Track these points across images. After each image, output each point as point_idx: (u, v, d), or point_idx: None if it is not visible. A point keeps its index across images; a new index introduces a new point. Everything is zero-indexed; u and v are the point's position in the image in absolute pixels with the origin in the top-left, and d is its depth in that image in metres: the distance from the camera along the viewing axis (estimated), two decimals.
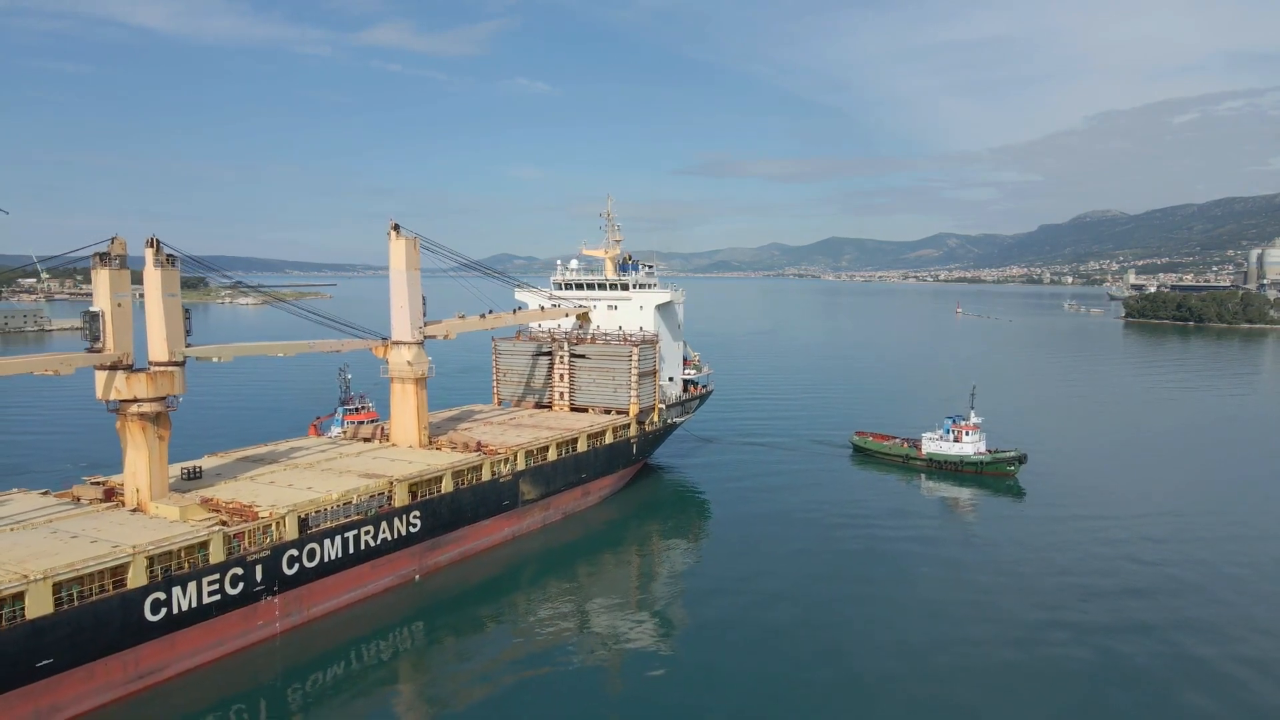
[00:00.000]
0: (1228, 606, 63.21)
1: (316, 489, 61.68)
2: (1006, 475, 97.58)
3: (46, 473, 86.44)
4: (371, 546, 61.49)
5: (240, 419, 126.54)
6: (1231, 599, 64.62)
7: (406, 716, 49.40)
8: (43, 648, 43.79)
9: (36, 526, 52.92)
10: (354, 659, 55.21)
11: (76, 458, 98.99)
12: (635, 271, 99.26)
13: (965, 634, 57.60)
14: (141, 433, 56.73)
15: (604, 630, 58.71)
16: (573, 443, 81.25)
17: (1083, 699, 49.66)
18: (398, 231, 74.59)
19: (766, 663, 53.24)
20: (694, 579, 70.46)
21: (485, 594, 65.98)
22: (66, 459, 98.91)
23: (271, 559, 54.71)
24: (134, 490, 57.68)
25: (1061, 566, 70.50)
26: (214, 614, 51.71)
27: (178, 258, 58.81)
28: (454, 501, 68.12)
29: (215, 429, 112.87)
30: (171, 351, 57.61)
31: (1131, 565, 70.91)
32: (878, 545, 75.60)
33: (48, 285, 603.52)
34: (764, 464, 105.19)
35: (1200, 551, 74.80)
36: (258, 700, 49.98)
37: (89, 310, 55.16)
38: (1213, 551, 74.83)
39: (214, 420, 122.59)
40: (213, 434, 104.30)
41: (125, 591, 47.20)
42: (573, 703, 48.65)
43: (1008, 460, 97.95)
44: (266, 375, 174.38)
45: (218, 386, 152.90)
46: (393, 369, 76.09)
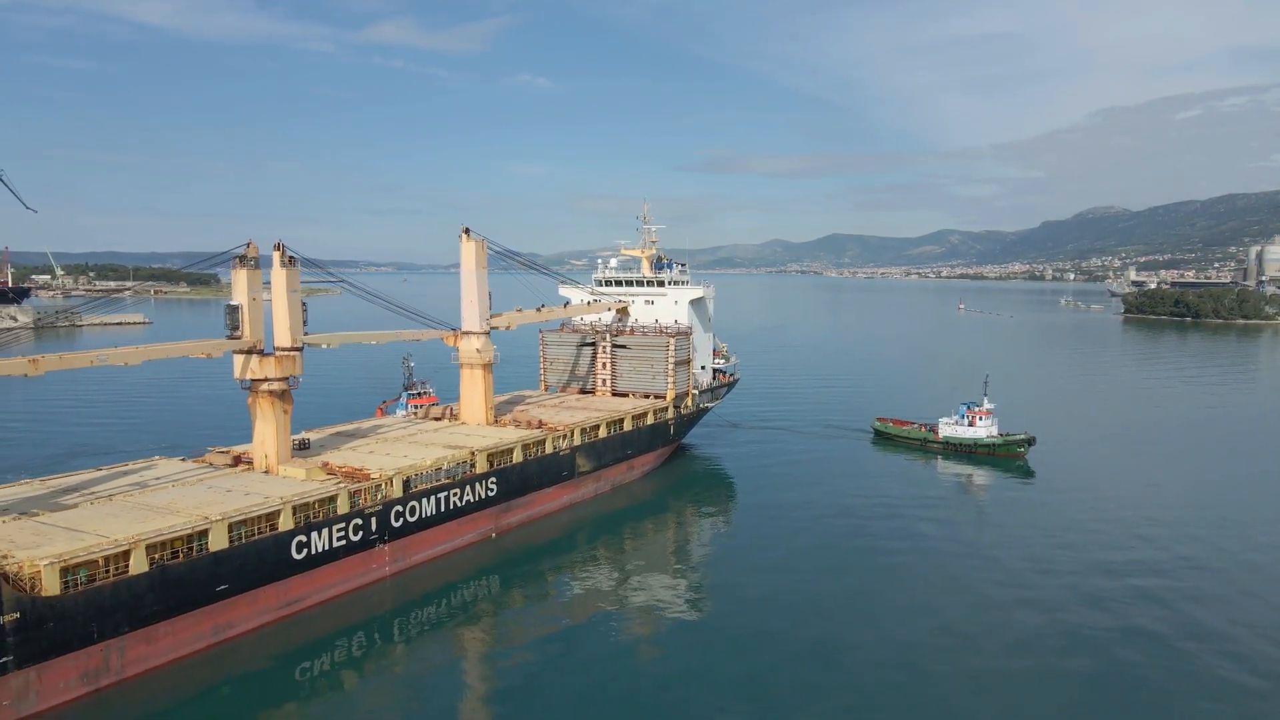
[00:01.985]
0: (1220, 574, 69.55)
1: (412, 457, 72.05)
2: (1016, 456, 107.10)
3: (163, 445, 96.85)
4: (458, 506, 71.88)
5: (315, 403, 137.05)
6: (1222, 566, 71.11)
7: (485, 651, 57.84)
8: (221, 575, 54.22)
9: (192, 484, 63.35)
10: (444, 601, 65.14)
11: (181, 431, 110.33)
12: (670, 269, 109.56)
13: (978, 596, 64.37)
14: (270, 407, 67.20)
15: (643, 589, 66.53)
16: (620, 422, 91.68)
17: (1081, 657, 55.03)
18: (468, 234, 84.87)
19: (794, 625, 58.92)
20: (727, 546, 79.03)
21: (547, 552, 76.04)
22: (177, 432, 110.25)
23: (382, 513, 65.08)
24: (262, 456, 68.16)
25: (1066, 537, 78.23)
26: (341, 556, 62.10)
27: (298, 259, 69.03)
28: (523, 471, 78.52)
29: (297, 411, 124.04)
30: (294, 338, 68.02)
31: (1131, 536, 78.55)
32: (900, 517, 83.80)
33: (62, 282, 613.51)
34: (790, 447, 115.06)
35: (1193, 525, 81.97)
36: (373, 630, 60.03)
37: (230, 303, 65.49)
38: (1205, 527, 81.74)
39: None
40: (297, 414, 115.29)
41: (277, 534, 57.58)
42: (614, 649, 56.29)
43: (1018, 443, 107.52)
44: (330, 364, 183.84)
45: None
46: (462, 356, 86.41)
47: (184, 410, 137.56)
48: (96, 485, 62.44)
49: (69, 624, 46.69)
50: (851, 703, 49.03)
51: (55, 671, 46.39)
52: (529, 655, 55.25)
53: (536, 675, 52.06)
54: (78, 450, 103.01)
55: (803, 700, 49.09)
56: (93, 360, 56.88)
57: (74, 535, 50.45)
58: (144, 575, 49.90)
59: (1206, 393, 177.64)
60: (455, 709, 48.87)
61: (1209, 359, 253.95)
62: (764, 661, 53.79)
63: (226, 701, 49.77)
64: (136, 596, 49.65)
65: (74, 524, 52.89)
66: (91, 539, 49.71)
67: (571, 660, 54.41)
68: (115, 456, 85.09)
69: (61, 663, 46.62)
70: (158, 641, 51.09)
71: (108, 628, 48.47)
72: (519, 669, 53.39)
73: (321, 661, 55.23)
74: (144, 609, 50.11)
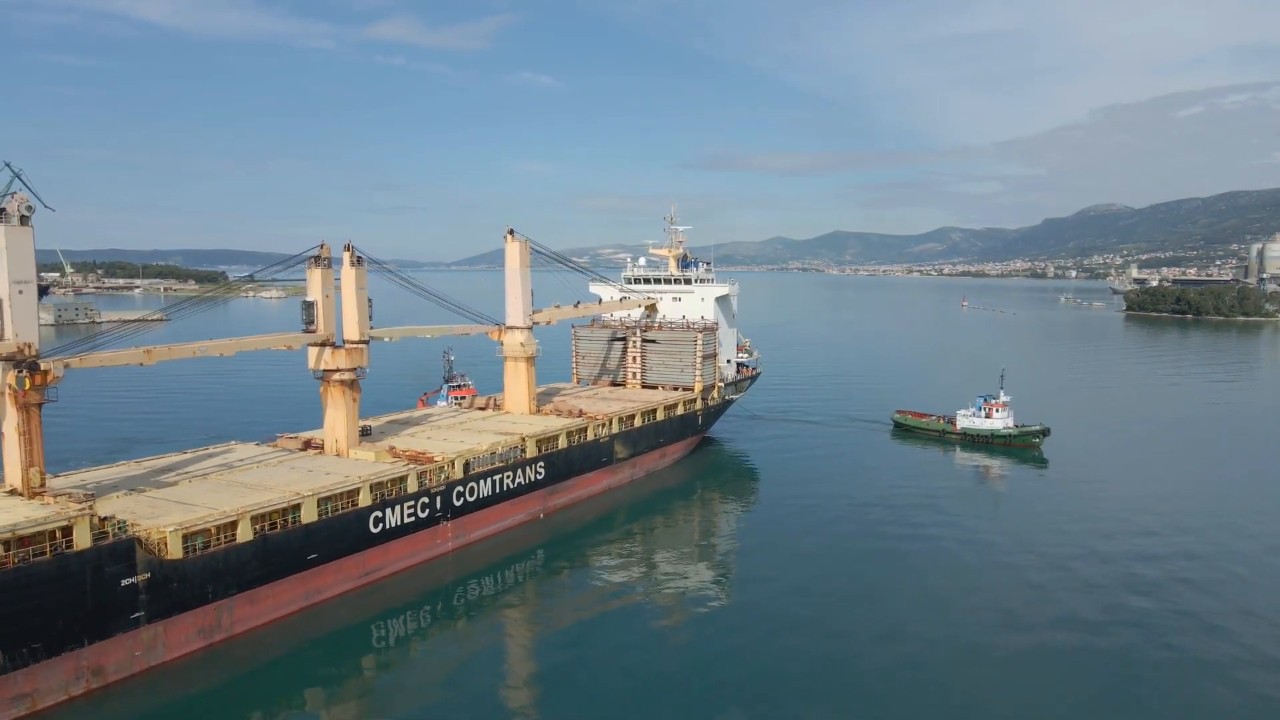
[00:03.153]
0: (1221, 551, 74.47)
1: (468, 442, 77.76)
2: (1032, 447, 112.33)
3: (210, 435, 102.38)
4: (510, 488, 77.60)
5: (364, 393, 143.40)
6: (1220, 545, 76.14)
7: (531, 625, 62.37)
8: (311, 545, 59.97)
9: (274, 465, 69.11)
10: (498, 576, 70.62)
11: (244, 418, 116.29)
12: (695, 268, 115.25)
13: (1004, 579, 68.18)
14: (341, 395, 72.94)
15: (675, 572, 71.02)
16: (653, 412, 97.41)
17: (1088, 628, 58.80)
18: (513, 235, 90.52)
19: (813, 609, 62.05)
20: (758, 531, 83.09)
21: (588, 533, 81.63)
22: (240, 419, 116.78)
23: (446, 492, 70.80)
24: (333, 440, 73.92)
25: (1080, 520, 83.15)
26: (410, 531, 67.81)
27: (365, 259, 74.68)
28: (567, 456, 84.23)
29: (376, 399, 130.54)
30: (361, 332, 73.74)
31: (1141, 518, 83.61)
32: (922, 504, 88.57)
33: (72, 280, 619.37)
34: (813, 438, 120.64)
35: (1203, 511, 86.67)
36: (437, 601, 65.62)
37: (306, 300, 71.21)
38: (1215, 514, 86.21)
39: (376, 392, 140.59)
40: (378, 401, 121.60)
41: (358, 509, 63.31)
42: (646, 628, 60.26)
43: (1033, 434, 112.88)
44: (372, 358, 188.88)
45: None
46: (507, 349, 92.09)
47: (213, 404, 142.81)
48: (187, 466, 68.20)
49: (189, 585, 52.47)
50: (878, 688, 51.19)
51: (178, 627, 52.18)
52: (570, 631, 59.67)
53: (575, 649, 56.26)
54: (134, 439, 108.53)
55: (827, 684, 51.42)
56: (195, 351, 62.60)
57: (186, 508, 56.18)
58: (249, 543, 55.67)
59: (1211, 387, 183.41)
60: (504, 679, 53.32)
61: (1212, 355, 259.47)
62: (788, 645, 56.25)
63: (315, 661, 55.36)
64: (243, 562, 55.42)
65: (182, 498, 58.65)
66: (203, 510, 55.44)
67: (606, 638, 57.76)
68: (164, 446, 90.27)
69: (183, 619, 52.40)
70: (260, 603, 56.85)
71: (219, 589, 54.22)
72: (560, 642, 57.81)
73: (394, 627, 60.89)
74: (249, 573, 55.87)
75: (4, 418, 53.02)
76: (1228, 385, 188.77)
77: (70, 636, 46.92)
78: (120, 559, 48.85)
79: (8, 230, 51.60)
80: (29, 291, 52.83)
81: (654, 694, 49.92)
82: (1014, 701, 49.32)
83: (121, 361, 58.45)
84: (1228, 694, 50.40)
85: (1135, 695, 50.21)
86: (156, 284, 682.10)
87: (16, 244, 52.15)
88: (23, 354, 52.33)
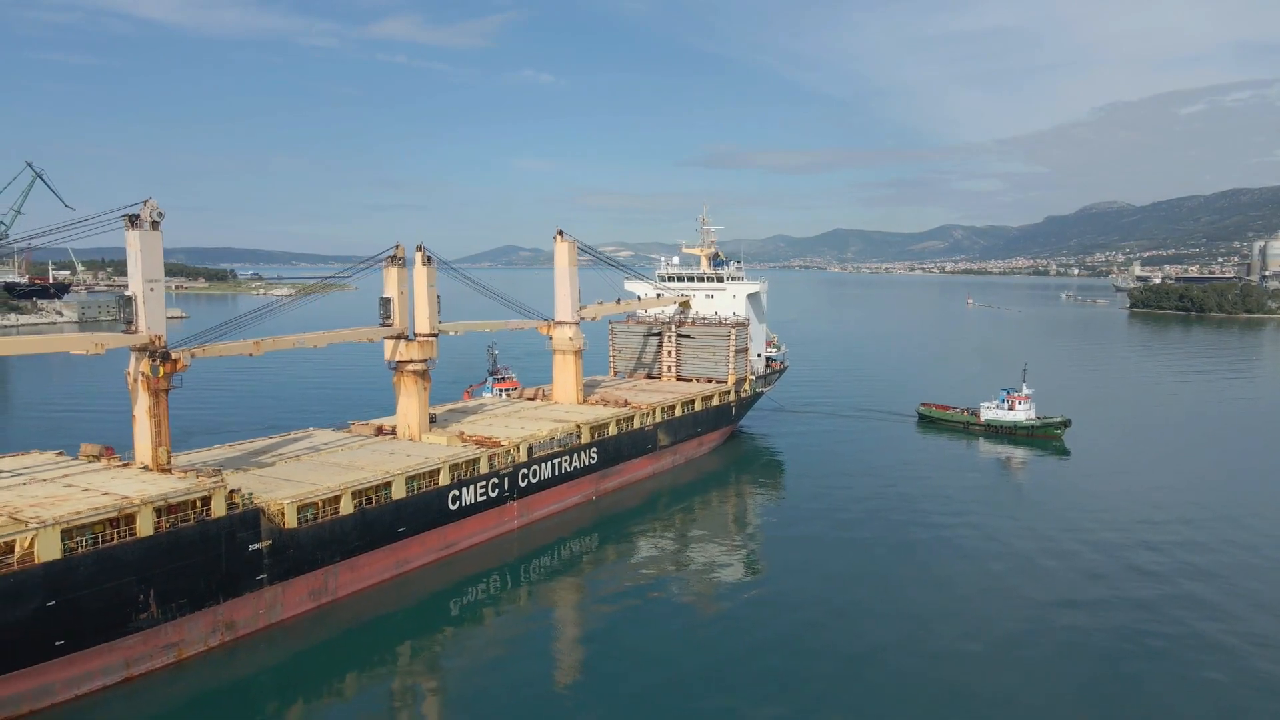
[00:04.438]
0: (1231, 536, 78.99)
1: (528, 429, 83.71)
2: (1053, 437, 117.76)
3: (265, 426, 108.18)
4: (567, 471, 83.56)
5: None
6: (1232, 536, 79.94)
7: (585, 598, 67.19)
8: (400, 519, 65.97)
9: (356, 449, 75.07)
10: (557, 552, 76.31)
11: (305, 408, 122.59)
12: (726, 266, 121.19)
13: (1017, 557, 73.18)
14: (414, 384, 78.91)
15: (711, 554, 75.26)
16: (692, 403, 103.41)
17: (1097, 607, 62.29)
18: (561, 236, 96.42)
19: (842, 591, 65.47)
20: (790, 516, 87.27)
21: (635, 514, 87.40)
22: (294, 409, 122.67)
23: (512, 474, 76.76)
24: (405, 426, 79.90)
25: (1102, 506, 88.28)
26: (482, 509, 73.80)
27: (434, 259, 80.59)
28: (616, 443, 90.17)
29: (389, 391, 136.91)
30: (431, 326, 79.68)
31: (1157, 505, 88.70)
32: (947, 491, 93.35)
33: (83, 278, 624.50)
34: (839, 429, 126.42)
35: (1221, 497, 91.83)
36: (505, 574, 71.40)
37: (383, 296, 77.08)
38: (1234, 498, 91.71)
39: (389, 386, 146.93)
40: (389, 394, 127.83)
41: (439, 487, 69.32)
42: (683, 606, 64.54)
43: (1055, 425, 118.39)
44: None
45: (379, 361, 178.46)
46: (556, 343, 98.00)
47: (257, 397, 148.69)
48: (279, 449, 74.18)
49: (302, 552, 58.48)
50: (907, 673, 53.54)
51: (294, 589, 58.20)
52: (617, 605, 64.12)
53: (620, 623, 60.74)
54: (210, 428, 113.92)
55: (857, 668, 53.78)
56: (294, 343, 68.59)
57: (293, 484, 62.17)
58: (350, 516, 61.66)
59: (1221, 382, 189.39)
60: (559, 647, 58.99)
61: (1217, 352, 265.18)
62: (817, 629, 59.13)
63: (405, 624, 61.21)
64: (345, 533, 61.41)
65: (285, 476, 64.66)
66: (309, 486, 61.41)
67: (648, 613, 62.23)
68: (229, 435, 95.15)
69: (297, 582, 58.41)
70: (359, 570, 62.86)
71: (326, 556, 60.23)
72: (608, 616, 62.41)
73: (469, 596, 66.81)
74: (350, 543, 61.87)
75: (135, 402, 59.02)
76: (1237, 381, 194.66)
77: (209, 594, 52.93)
78: (248, 526, 54.85)
79: (141, 235, 57.52)
80: (158, 289, 58.77)
81: (684, 671, 53.27)
82: (1047, 693, 50.83)
83: (234, 352, 64.36)
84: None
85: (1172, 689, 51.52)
86: (166, 281, 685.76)
87: (148, 247, 58.08)
88: (154, 345, 58.30)
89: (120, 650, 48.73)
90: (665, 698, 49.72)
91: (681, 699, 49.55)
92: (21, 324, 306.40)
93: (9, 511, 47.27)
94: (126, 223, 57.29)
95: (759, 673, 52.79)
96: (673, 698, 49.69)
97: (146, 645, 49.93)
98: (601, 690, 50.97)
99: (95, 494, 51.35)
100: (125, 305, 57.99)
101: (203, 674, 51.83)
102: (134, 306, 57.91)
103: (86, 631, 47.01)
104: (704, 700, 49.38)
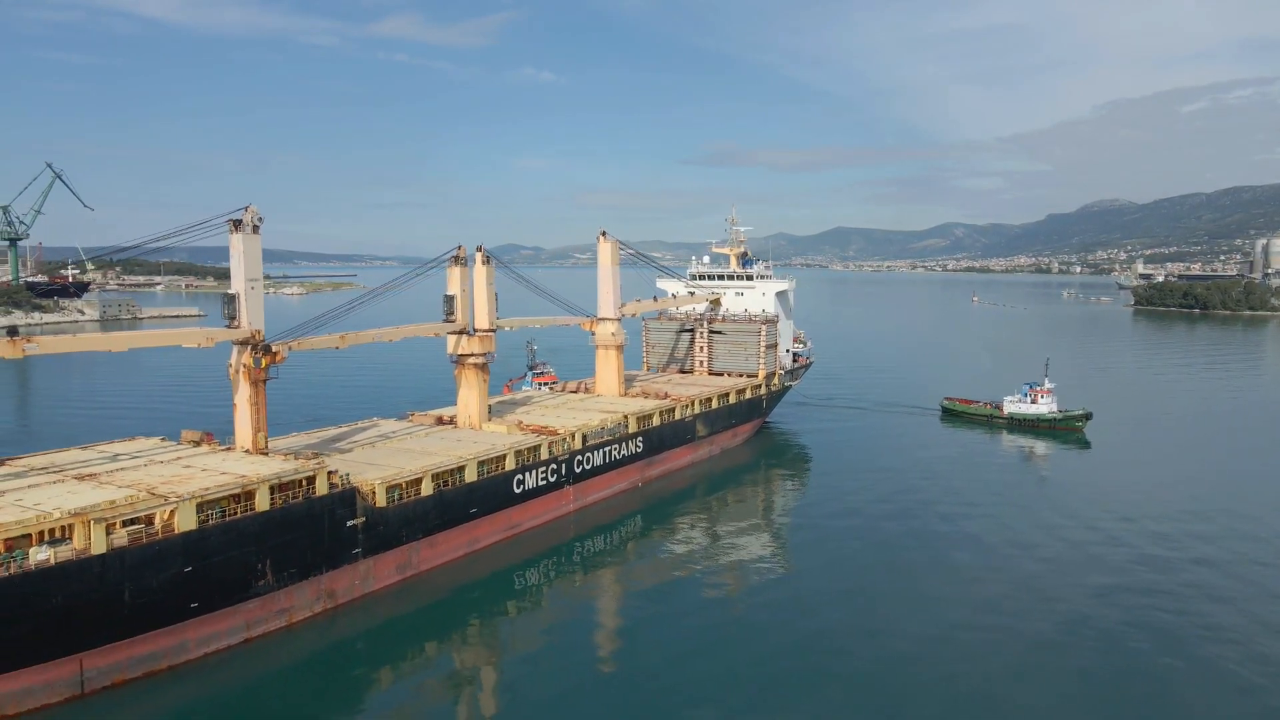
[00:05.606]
0: (1241, 520, 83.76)
1: (579, 419, 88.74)
2: (1075, 430, 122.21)
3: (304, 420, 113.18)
4: (617, 459, 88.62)
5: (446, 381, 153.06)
6: (1243, 518, 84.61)
7: (632, 580, 71.13)
8: (472, 501, 71.03)
9: (423, 436, 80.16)
10: (607, 535, 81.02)
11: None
12: (755, 265, 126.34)
13: (1048, 551, 75.56)
14: (474, 376, 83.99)
15: (746, 540, 78.64)
16: (727, 396, 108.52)
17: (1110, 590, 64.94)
18: (605, 236, 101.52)
19: (869, 577, 68.25)
20: (822, 505, 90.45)
21: (676, 500, 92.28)
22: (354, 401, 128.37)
23: (569, 461, 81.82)
24: (466, 415, 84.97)
25: (1132, 498, 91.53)
26: (542, 493, 78.87)
27: (493, 259, 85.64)
28: (660, 433, 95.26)
29: (439, 384, 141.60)
30: (490, 322, 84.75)
31: (1178, 494, 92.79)
32: (974, 481, 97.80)
33: (92, 277, 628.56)
34: (865, 423, 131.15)
35: (1233, 488, 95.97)
36: (561, 554, 76.21)
37: (446, 294, 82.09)
38: (1242, 487, 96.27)
39: (434, 379, 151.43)
40: (439, 388, 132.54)
41: (505, 472, 74.38)
42: (720, 590, 67.88)
43: (1076, 418, 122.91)
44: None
45: (424, 356, 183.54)
46: (599, 339, 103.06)
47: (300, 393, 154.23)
48: (352, 436, 79.24)
49: (390, 529, 63.58)
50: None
51: (383, 563, 63.31)
52: (661, 587, 67.95)
53: (663, 604, 64.28)
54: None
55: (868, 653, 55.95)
56: (373, 337, 73.66)
57: (377, 467, 67.23)
58: (430, 497, 66.74)
59: (1231, 377, 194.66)
60: (608, 624, 63.57)
61: (1225, 348, 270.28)
62: (845, 612, 61.87)
63: (476, 598, 66.14)
64: (426, 512, 66.51)
65: (369, 460, 69.71)
66: (393, 469, 66.47)
67: (683, 596, 65.63)
68: (299, 425, 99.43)
69: (386, 556, 63.51)
70: (437, 547, 67.95)
71: (409, 534, 65.32)
72: (653, 596, 66.32)
73: (531, 574, 71.67)
74: (430, 522, 66.96)
75: (236, 391, 64.13)
76: (1246, 376, 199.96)
77: (314, 565, 58.03)
78: (346, 504, 59.96)
79: (244, 238, 62.60)
80: (258, 287, 63.81)
81: (716, 651, 56.26)
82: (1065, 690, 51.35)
83: (323, 346, 69.43)
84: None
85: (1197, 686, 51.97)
86: (177, 280, 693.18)
87: (250, 248, 63.15)
88: (254, 339, 63.40)
89: (242, 613, 53.86)
90: (700, 689, 51.15)
91: (718, 690, 51.03)
92: (45, 322, 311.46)
93: (146, 487, 52.40)
94: (230, 226, 62.33)
95: (782, 668, 54.22)
96: (707, 689, 51.14)
97: (263, 610, 55.06)
98: (636, 673, 53.50)
99: (214, 473, 56.46)
100: (229, 302, 63.05)
101: (309, 638, 56.96)
102: (237, 303, 62.98)
103: (215, 595, 52.14)
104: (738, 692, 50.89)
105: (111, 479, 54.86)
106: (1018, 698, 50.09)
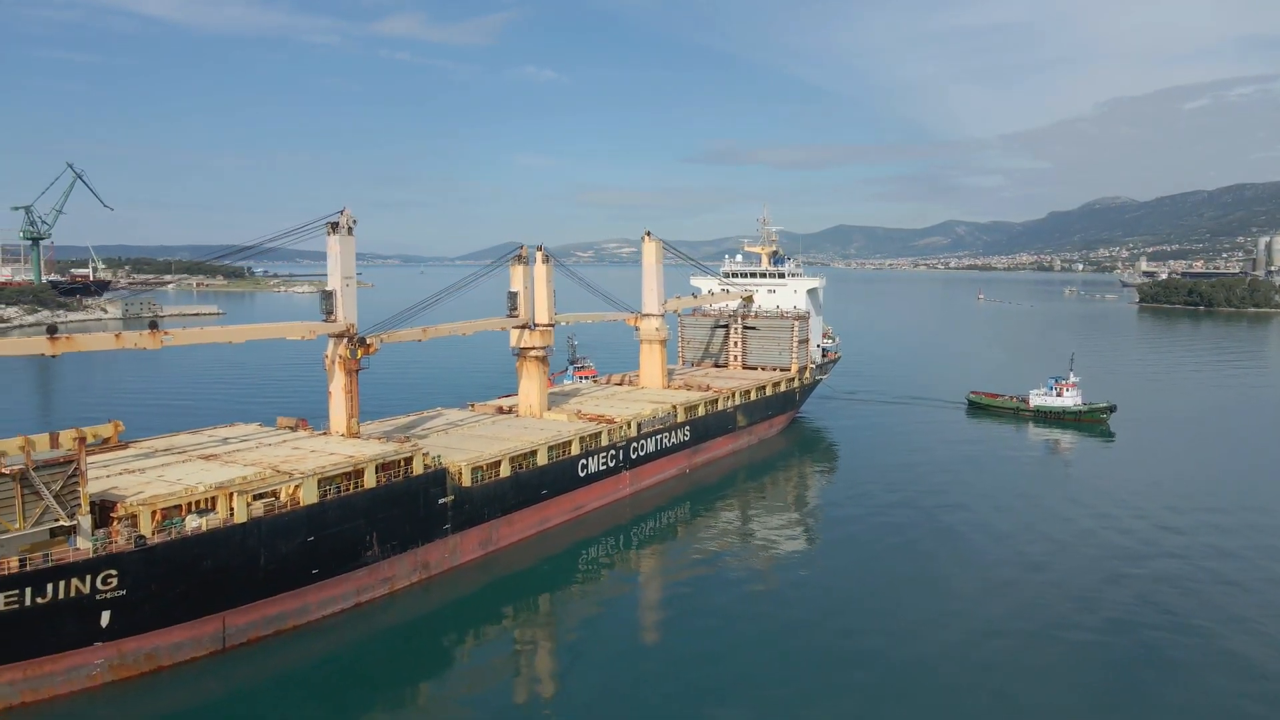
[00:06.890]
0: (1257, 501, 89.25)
1: (631, 409, 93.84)
2: (1100, 422, 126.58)
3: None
4: (666, 446, 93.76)
5: (487, 375, 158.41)
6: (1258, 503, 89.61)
7: (681, 561, 75.20)
8: (543, 484, 76.17)
9: (489, 424, 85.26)
10: (658, 518, 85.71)
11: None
12: (786, 263, 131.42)
13: (1071, 530, 79.85)
14: (535, 368, 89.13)
15: (778, 527, 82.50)
16: (764, 389, 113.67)
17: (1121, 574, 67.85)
18: (649, 236, 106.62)
19: (897, 563, 70.75)
20: (856, 495, 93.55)
21: (719, 487, 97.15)
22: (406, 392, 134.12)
23: (625, 447, 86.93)
24: (528, 405, 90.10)
25: (1150, 482, 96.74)
26: (603, 477, 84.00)
27: (552, 258, 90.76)
28: (704, 422, 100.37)
29: (483, 377, 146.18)
30: (550, 317, 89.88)
31: (1203, 482, 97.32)
32: (1001, 471, 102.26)
33: (103, 276, 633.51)
34: (894, 415, 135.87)
35: (1256, 478, 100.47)
36: (619, 534, 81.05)
37: (510, 290, 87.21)
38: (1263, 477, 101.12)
39: (480, 375, 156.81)
40: (484, 381, 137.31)
41: (571, 456, 79.52)
42: (760, 574, 71.08)
43: (1100, 410, 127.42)
44: (488, 343, 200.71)
45: (465, 352, 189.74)
46: (643, 334, 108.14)
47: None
48: (425, 423, 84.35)
49: (474, 507, 68.74)
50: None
51: (468, 538, 68.46)
52: (705, 568, 71.97)
53: (704, 585, 67.92)
54: None
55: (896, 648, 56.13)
56: (450, 330, 78.85)
57: (459, 450, 72.35)
58: (508, 478, 71.90)
59: (1241, 372, 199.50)
60: (658, 602, 67.94)
61: (1233, 344, 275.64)
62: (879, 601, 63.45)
63: (547, 572, 71.20)
64: (504, 492, 71.66)
65: (448, 444, 74.81)
66: (473, 453, 71.58)
67: (726, 576, 69.44)
68: (370, 415, 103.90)
69: (471, 532, 68.66)
70: (514, 525, 73.12)
71: (490, 512, 70.47)
72: (696, 578, 70.08)
73: (592, 553, 76.51)
74: (507, 501, 72.11)
75: (331, 379, 69.28)
76: (1258, 371, 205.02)
77: (412, 538, 63.19)
78: (438, 483, 65.09)
79: (340, 239, 67.72)
80: (352, 285, 68.92)
81: (749, 632, 59.20)
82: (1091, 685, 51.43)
83: (408, 338, 74.67)
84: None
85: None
86: (187, 279, 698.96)
87: (345, 249, 68.26)
88: (349, 332, 68.52)
89: (353, 581, 59.03)
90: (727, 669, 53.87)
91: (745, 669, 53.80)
92: (70, 320, 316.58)
93: (269, 465, 57.59)
94: (328, 229, 67.49)
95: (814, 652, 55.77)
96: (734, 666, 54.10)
97: (370, 578, 60.23)
98: (680, 648, 56.52)
99: (323, 454, 61.62)
100: (327, 298, 68.16)
101: (408, 605, 62.15)
102: (334, 299, 68.09)
103: (332, 563, 57.31)
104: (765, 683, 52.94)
105: (233, 459, 60.06)
106: (1051, 700, 49.60)
